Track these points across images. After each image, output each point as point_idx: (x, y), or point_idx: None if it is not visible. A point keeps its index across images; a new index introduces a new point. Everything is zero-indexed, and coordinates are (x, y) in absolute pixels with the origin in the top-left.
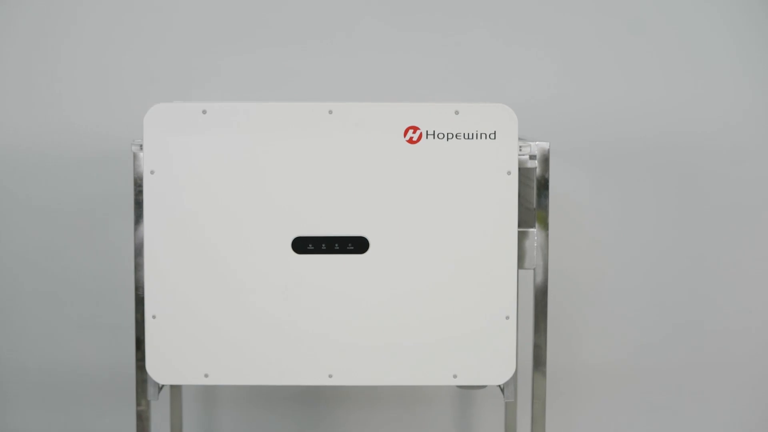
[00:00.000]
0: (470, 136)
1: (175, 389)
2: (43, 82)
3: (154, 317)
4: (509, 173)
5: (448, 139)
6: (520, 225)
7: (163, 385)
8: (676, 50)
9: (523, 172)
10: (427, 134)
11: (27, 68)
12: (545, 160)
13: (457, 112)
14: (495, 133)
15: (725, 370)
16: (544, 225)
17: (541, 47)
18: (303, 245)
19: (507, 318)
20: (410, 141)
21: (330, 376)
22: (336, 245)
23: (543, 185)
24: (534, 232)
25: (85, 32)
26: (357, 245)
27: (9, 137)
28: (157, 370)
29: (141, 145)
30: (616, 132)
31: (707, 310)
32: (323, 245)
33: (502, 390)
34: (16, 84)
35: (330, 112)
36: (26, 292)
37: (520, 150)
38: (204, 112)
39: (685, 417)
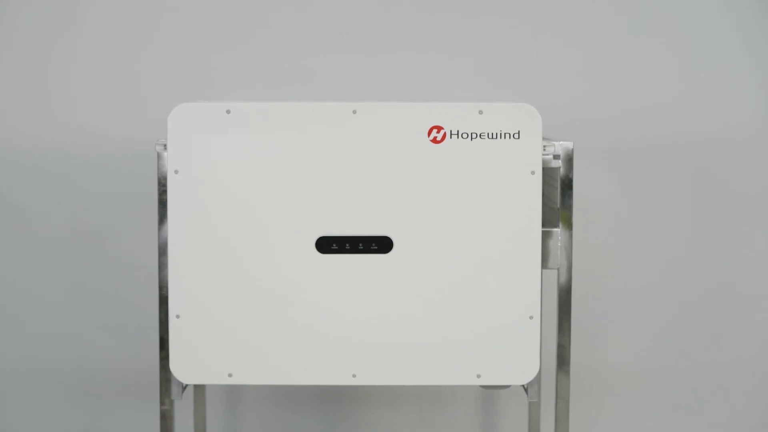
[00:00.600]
0: (494, 136)
1: (199, 389)
2: (55, 84)
3: (177, 317)
4: (533, 173)
5: (472, 138)
6: (543, 225)
7: (186, 385)
8: (689, 51)
9: (547, 172)
10: (451, 134)
11: (39, 69)
12: (569, 160)
13: (481, 112)
14: (519, 133)
15: (750, 365)
16: (568, 225)
17: (560, 48)
18: (327, 245)
19: (531, 318)
20: (434, 141)
21: (354, 375)
22: (360, 245)
23: (567, 185)
24: (558, 231)
25: (99, 33)
26: (381, 245)
27: (23, 139)
28: (181, 369)
29: (165, 145)
30: (633, 131)
31: (730, 305)
32: (347, 245)
33: (526, 390)
34: (27, 85)
35: (354, 111)
36: (48, 293)
37: (544, 150)
38: (228, 111)
39: (710, 414)
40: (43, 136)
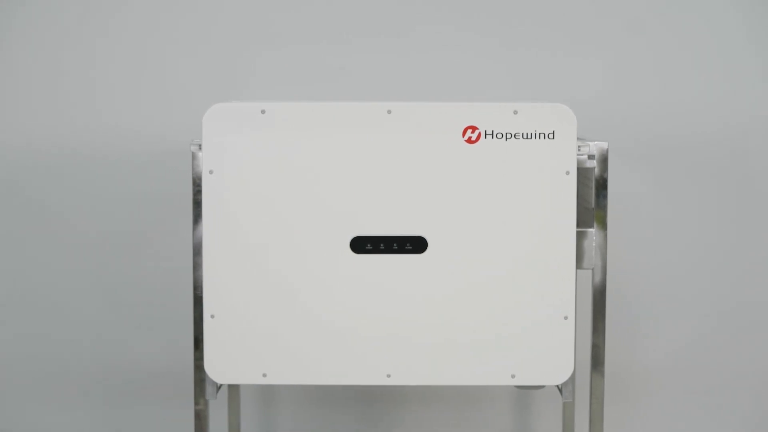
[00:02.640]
0: (529, 136)
1: (234, 388)
2: (78, 85)
3: (212, 317)
4: (568, 173)
5: (506, 139)
6: (578, 225)
7: (221, 385)
8: (711, 50)
9: (582, 172)
10: (485, 134)
11: (63, 71)
12: (604, 160)
13: (515, 112)
14: (554, 133)
15: None
16: (603, 225)
17: (588, 49)
18: (361, 245)
19: (565, 318)
20: (469, 141)
21: (388, 375)
22: (394, 245)
23: (602, 185)
24: (592, 232)
25: (123, 31)
26: (415, 245)
27: (49, 143)
28: (216, 369)
29: (200, 145)
30: (661, 129)
31: (765, 303)
32: (382, 245)
33: (560, 390)
34: (51, 87)
35: (389, 111)
36: (82, 294)
37: (579, 150)
38: (263, 111)
39: (747, 412)
40: (67, 138)
